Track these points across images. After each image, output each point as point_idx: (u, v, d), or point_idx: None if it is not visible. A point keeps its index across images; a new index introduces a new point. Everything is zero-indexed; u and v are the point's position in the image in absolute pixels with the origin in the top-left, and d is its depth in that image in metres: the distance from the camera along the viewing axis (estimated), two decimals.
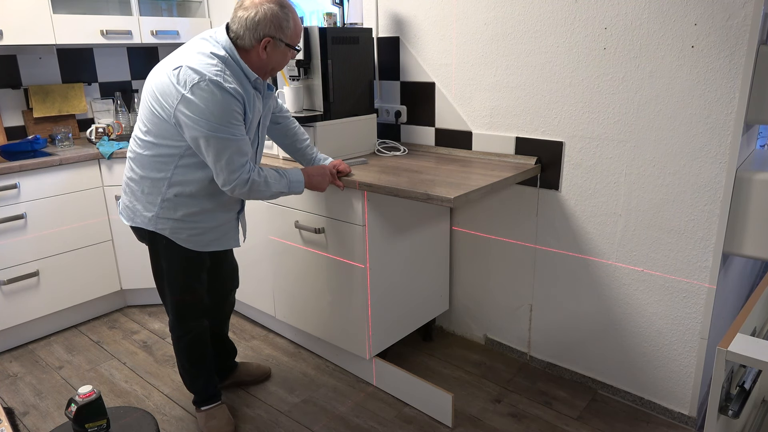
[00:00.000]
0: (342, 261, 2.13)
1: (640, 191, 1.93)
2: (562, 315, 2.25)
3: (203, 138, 1.59)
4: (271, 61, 1.70)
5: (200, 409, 2.05)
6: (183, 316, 1.93)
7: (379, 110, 2.60)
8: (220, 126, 1.58)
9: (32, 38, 2.57)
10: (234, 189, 1.66)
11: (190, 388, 2.06)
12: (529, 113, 2.15)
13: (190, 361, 2.00)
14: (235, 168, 1.63)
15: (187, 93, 1.56)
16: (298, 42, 1.74)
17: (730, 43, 1.66)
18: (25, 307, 2.58)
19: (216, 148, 1.60)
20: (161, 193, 1.73)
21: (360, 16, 2.57)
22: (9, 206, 2.44)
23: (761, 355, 1.14)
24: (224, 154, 1.61)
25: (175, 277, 1.87)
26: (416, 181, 1.92)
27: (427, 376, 2.31)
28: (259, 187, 1.70)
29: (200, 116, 1.57)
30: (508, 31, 2.11)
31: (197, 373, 2.03)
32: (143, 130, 1.71)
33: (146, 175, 1.73)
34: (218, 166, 1.63)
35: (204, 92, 1.56)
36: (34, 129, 2.96)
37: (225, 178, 1.64)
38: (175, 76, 1.59)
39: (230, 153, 1.61)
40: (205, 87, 1.56)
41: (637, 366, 2.09)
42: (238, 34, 1.64)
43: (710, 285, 1.86)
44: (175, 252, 1.81)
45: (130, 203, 1.81)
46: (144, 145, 1.72)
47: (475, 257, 2.47)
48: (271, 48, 1.66)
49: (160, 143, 1.68)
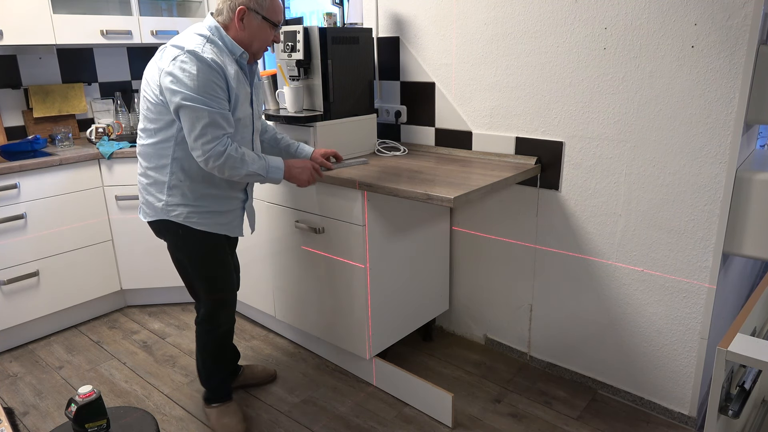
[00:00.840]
0: (342, 261, 2.13)
1: (640, 191, 1.93)
2: (562, 315, 2.25)
3: (181, 107, 1.61)
4: (251, 35, 1.72)
5: (211, 406, 2.06)
6: (218, 308, 1.94)
7: (379, 110, 2.60)
8: (196, 95, 1.60)
9: (32, 38, 2.58)
10: (208, 161, 1.65)
11: (206, 384, 2.07)
12: (529, 113, 2.15)
13: (213, 356, 2.01)
14: (210, 139, 1.63)
15: (167, 67, 1.62)
16: (278, 18, 1.75)
17: (730, 43, 1.66)
18: (25, 307, 2.58)
19: (191, 118, 1.62)
20: (167, 178, 1.75)
21: (360, 16, 2.57)
22: (9, 206, 2.44)
23: (761, 355, 1.14)
24: (199, 124, 1.62)
25: (201, 268, 1.87)
26: (416, 181, 1.92)
27: (427, 376, 2.31)
28: (234, 162, 1.68)
29: (177, 86, 1.60)
30: (508, 31, 2.11)
31: (218, 369, 2.04)
32: (143, 121, 1.76)
33: (152, 165, 1.77)
34: (193, 135, 1.63)
35: (183, 63, 1.60)
36: (34, 129, 2.96)
37: (200, 149, 1.64)
38: (159, 59, 1.68)
39: (205, 123, 1.62)
40: (184, 58, 1.61)
41: (637, 366, 2.09)
42: (220, 11, 1.71)
43: (710, 285, 1.86)
44: (194, 240, 1.82)
45: (144, 199, 1.84)
46: (145, 135, 1.76)
47: (475, 257, 2.47)
48: (248, 19, 1.70)
49: (157, 128, 1.71)
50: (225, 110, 1.66)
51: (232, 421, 2.03)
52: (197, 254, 1.86)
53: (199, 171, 1.75)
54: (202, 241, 1.83)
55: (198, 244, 1.84)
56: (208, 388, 2.07)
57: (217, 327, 1.97)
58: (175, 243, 1.87)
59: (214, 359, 2.02)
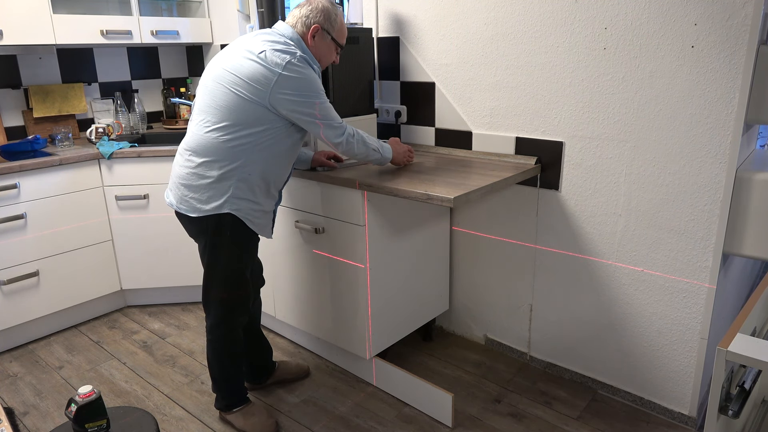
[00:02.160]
0: (342, 261, 2.13)
1: (640, 191, 1.93)
2: (562, 315, 2.25)
3: (316, 107, 1.73)
4: (319, 52, 1.85)
5: (232, 412, 2.04)
6: (233, 310, 1.92)
7: (379, 110, 2.60)
8: (320, 94, 1.75)
9: (32, 38, 2.58)
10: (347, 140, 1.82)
11: (223, 391, 2.03)
12: (529, 113, 2.15)
13: (231, 358, 1.98)
14: (340, 124, 1.80)
15: (284, 72, 1.68)
16: (343, 41, 1.90)
17: (730, 43, 1.66)
18: (25, 307, 2.58)
19: (323, 114, 1.75)
20: (236, 174, 1.74)
21: (360, 16, 2.57)
22: (9, 206, 2.44)
23: (761, 355, 1.14)
24: (330, 116, 1.78)
25: (232, 267, 1.87)
26: (416, 181, 1.92)
27: (427, 376, 2.31)
28: (362, 137, 1.88)
29: (304, 89, 1.71)
30: (508, 31, 2.11)
31: (235, 372, 2.02)
32: (217, 118, 1.72)
33: (219, 160, 1.73)
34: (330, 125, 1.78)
35: (299, 68, 1.70)
36: (34, 129, 2.96)
37: (339, 135, 1.80)
38: (263, 59, 1.69)
39: (334, 115, 1.79)
40: (298, 63, 1.71)
41: (637, 366, 2.09)
42: (294, 23, 1.82)
43: (710, 285, 1.86)
44: (238, 236, 1.83)
45: (197, 194, 1.78)
46: (221, 130, 1.72)
47: (475, 257, 2.47)
48: (319, 37, 1.83)
49: (243, 124, 1.71)
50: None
51: (260, 418, 2.02)
52: (234, 252, 1.86)
53: (263, 169, 1.78)
54: (245, 239, 1.85)
55: (237, 242, 1.84)
56: (227, 394, 2.04)
57: (232, 330, 1.94)
58: (215, 241, 1.83)
59: (233, 361, 1.99)
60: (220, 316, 1.92)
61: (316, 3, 1.82)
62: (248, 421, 2.01)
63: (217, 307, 1.92)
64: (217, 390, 2.05)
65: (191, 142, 1.78)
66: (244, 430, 2.01)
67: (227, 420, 2.06)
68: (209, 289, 1.92)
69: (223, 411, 2.07)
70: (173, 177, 1.86)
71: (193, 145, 1.77)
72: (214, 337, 1.95)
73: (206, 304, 1.95)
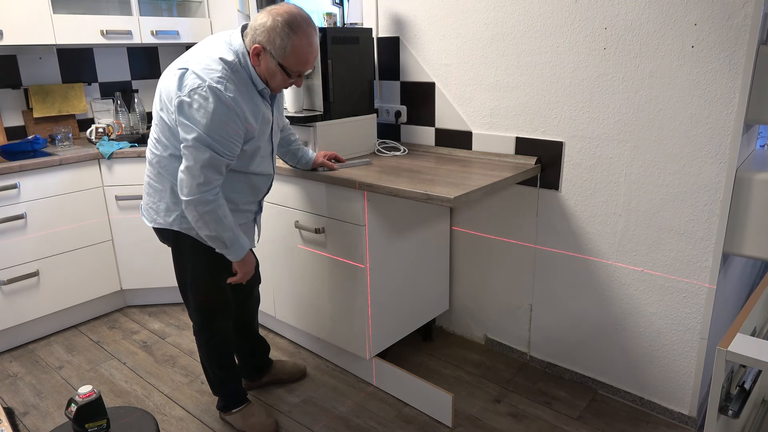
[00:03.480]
0: (342, 261, 2.13)
1: (640, 191, 1.93)
2: (562, 315, 2.25)
3: (189, 141, 1.55)
4: (267, 74, 1.63)
5: (231, 413, 2.03)
6: (211, 317, 1.90)
7: (379, 110, 2.60)
8: (207, 137, 1.54)
9: (32, 38, 2.57)
10: (191, 202, 1.59)
11: (220, 393, 2.04)
12: (529, 113, 2.15)
13: (219, 364, 1.97)
14: (204, 182, 1.58)
15: (184, 96, 1.54)
16: (295, 70, 1.64)
17: (730, 43, 1.66)
18: (25, 307, 2.58)
19: (194, 156, 1.56)
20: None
21: (360, 16, 2.57)
22: (9, 206, 2.44)
23: (761, 355, 1.14)
24: (198, 164, 1.56)
25: (201, 277, 1.84)
26: (416, 181, 1.92)
27: (427, 376, 2.31)
28: (214, 215, 1.62)
29: (190, 121, 1.54)
30: (508, 31, 2.11)
31: (228, 375, 2.01)
32: (157, 133, 1.70)
33: (168, 176, 1.71)
34: (189, 173, 1.57)
35: (201, 99, 1.53)
36: (34, 129, 2.96)
37: (190, 188, 1.58)
38: (179, 79, 1.58)
39: (206, 165, 1.56)
40: (203, 93, 1.53)
41: (637, 366, 2.09)
42: (247, 33, 1.62)
43: (710, 285, 1.86)
44: (200, 251, 1.78)
45: (154, 205, 1.78)
46: (162, 147, 1.69)
47: (475, 257, 2.47)
48: (263, 58, 1.60)
49: (174, 145, 1.66)
50: (231, 157, 1.61)
51: (260, 418, 2.02)
52: (200, 265, 1.82)
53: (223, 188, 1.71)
54: (209, 252, 1.77)
55: (201, 256, 1.80)
56: (225, 395, 2.04)
57: (215, 335, 1.93)
58: (180, 251, 1.83)
59: (222, 366, 1.98)
60: (199, 322, 1.91)
61: (269, 19, 1.57)
62: (248, 421, 2.01)
63: (196, 313, 1.90)
64: (213, 391, 2.06)
65: (149, 153, 1.77)
66: (243, 430, 2.01)
67: (227, 421, 2.06)
68: (185, 294, 1.90)
69: (222, 412, 2.07)
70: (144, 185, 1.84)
71: (150, 156, 1.76)
72: (200, 341, 1.95)
73: (188, 310, 1.94)
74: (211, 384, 2.04)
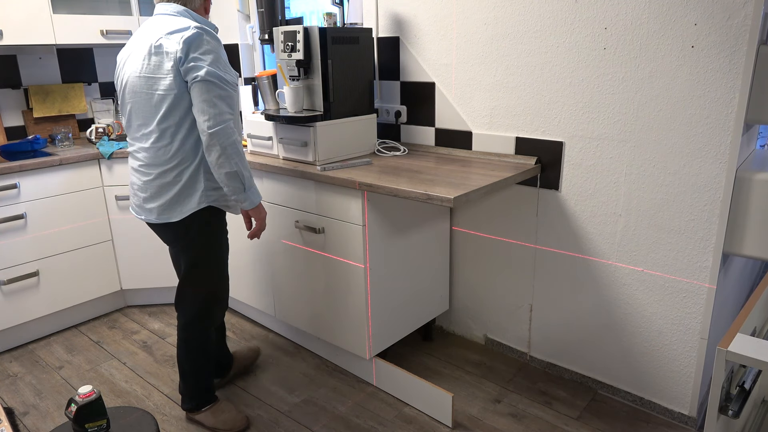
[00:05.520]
0: (342, 261, 2.13)
1: (640, 191, 1.93)
2: (562, 315, 2.25)
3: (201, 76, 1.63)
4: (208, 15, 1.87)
5: (201, 411, 2.04)
6: (212, 306, 1.95)
7: (379, 110, 2.60)
8: (217, 71, 1.65)
9: (32, 38, 2.58)
10: (216, 134, 1.64)
11: (194, 390, 2.02)
12: (529, 113, 2.15)
13: (205, 355, 1.99)
14: (221, 112, 1.65)
15: (180, 44, 1.64)
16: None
17: (730, 43, 1.66)
18: (25, 307, 2.58)
19: (208, 88, 1.64)
20: (203, 167, 1.77)
21: (360, 16, 2.57)
22: (9, 206, 2.44)
23: (761, 355, 1.14)
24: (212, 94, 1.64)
25: (213, 260, 1.90)
26: (416, 181, 1.92)
27: (427, 376, 2.31)
28: (236, 149, 1.68)
29: (202, 56, 1.64)
30: (508, 31, 2.11)
31: (207, 371, 2.02)
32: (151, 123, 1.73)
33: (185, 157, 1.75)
34: (208, 105, 1.63)
35: (197, 35, 1.65)
36: (34, 129, 2.96)
37: (214, 119, 1.63)
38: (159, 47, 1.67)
39: (219, 97, 1.65)
40: (196, 30, 1.66)
41: (637, 366, 2.09)
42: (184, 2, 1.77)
43: (710, 285, 1.86)
44: (217, 228, 1.87)
45: (170, 200, 1.78)
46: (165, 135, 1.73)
47: (475, 257, 2.47)
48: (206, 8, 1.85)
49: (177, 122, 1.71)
50: (234, 88, 1.72)
51: (231, 414, 2.04)
52: (215, 243, 1.89)
53: None
54: (222, 227, 1.90)
55: (216, 233, 1.89)
56: (197, 393, 2.03)
57: (210, 326, 1.97)
58: (193, 239, 1.84)
59: (207, 359, 2.00)
60: (202, 311, 1.94)
61: None
62: (219, 418, 2.02)
63: (197, 303, 1.93)
64: (185, 390, 2.04)
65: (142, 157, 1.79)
66: (216, 427, 2.02)
67: (196, 420, 2.05)
68: (194, 285, 1.92)
69: (192, 411, 2.05)
70: (137, 193, 1.85)
71: (147, 158, 1.78)
72: (191, 334, 1.95)
73: (184, 302, 1.95)
74: (186, 383, 2.02)
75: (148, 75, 1.70)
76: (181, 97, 1.68)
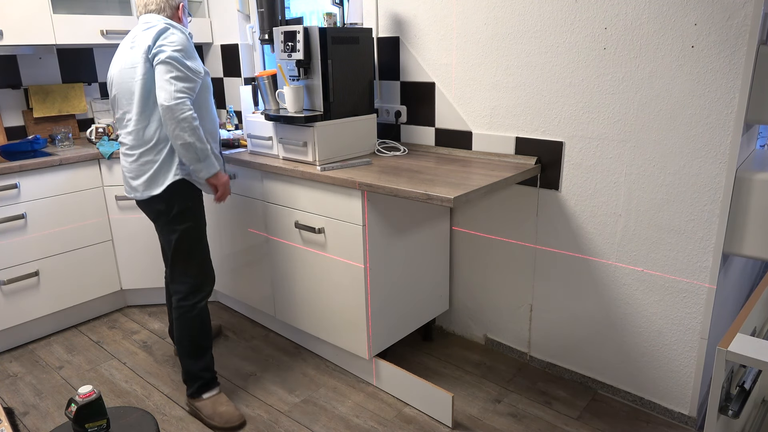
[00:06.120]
0: (342, 261, 2.13)
1: (640, 191, 1.93)
2: (562, 315, 2.25)
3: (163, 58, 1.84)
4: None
5: (202, 398, 2.08)
6: (207, 277, 2.10)
7: (379, 110, 2.60)
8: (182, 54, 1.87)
9: (32, 38, 2.58)
10: (170, 108, 1.82)
11: (197, 372, 2.08)
12: (529, 113, 2.15)
13: (204, 331, 2.08)
14: (179, 90, 1.84)
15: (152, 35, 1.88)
16: None
17: (730, 43, 1.66)
18: (25, 307, 2.58)
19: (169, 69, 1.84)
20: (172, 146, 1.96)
21: (360, 16, 2.57)
22: (9, 206, 2.44)
23: (761, 355, 1.14)
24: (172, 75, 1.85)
25: (203, 232, 2.08)
26: (416, 181, 1.92)
27: (427, 376, 2.31)
28: (190, 124, 1.86)
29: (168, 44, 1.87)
30: (508, 31, 2.11)
31: (209, 348, 2.10)
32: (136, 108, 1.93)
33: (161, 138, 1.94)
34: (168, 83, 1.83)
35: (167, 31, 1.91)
36: (34, 129, 2.96)
37: (169, 94, 1.82)
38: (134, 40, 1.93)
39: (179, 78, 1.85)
40: (165, 25, 1.93)
41: (637, 366, 2.09)
42: (161, 8, 2.00)
43: (710, 285, 1.86)
44: (194, 203, 2.04)
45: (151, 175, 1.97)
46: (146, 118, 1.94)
47: (475, 257, 2.47)
48: (181, 12, 2.07)
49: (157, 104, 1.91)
50: (199, 77, 1.92)
51: (229, 408, 2.07)
52: (203, 214, 2.08)
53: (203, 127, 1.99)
54: (200, 203, 2.08)
55: (201, 204, 2.08)
56: (200, 374, 2.08)
57: (204, 298, 2.08)
58: (185, 208, 2.01)
59: (206, 334, 2.09)
60: (194, 285, 2.05)
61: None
62: (217, 410, 2.06)
63: (192, 276, 2.05)
64: (187, 373, 2.09)
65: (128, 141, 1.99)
66: (212, 419, 2.05)
67: (196, 407, 2.09)
68: (182, 260, 2.05)
69: (193, 397, 2.10)
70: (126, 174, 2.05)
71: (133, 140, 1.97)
72: (187, 308, 2.04)
73: (175, 280, 2.06)
74: (186, 363, 2.08)
75: (128, 67, 1.93)
76: (153, 83, 1.89)
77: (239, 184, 2.48)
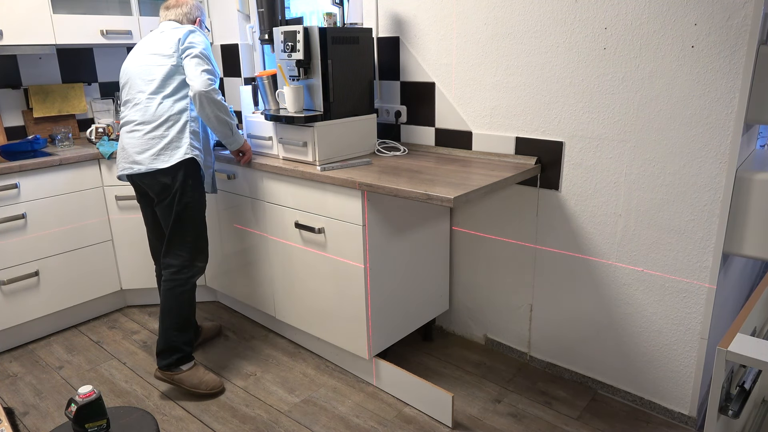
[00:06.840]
0: (342, 261, 2.13)
1: (640, 191, 1.93)
2: (562, 315, 2.25)
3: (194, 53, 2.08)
4: None
5: (181, 370, 2.18)
6: (203, 251, 2.23)
7: (379, 110, 2.60)
8: (208, 52, 2.12)
9: (32, 38, 2.58)
10: (208, 92, 2.04)
11: (179, 345, 2.17)
12: (529, 113, 2.15)
13: (192, 305, 2.22)
14: (212, 79, 2.08)
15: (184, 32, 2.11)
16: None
17: (730, 43, 1.66)
18: (25, 307, 2.58)
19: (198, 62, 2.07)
20: (188, 128, 2.12)
21: (360, 16, 2.57)
22: (9, 206, 2.44)
23: (761, 355, 1.14)
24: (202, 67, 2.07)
25: (197, 212, 2.18)
26: (416, 181, 1.92)
27: (427, 376, 2.31)
28: (223, 105, 2.11)
29: (197, 43, 2.10)
30: (508, 31, 2.11)
31: (192, 321, 2.25)
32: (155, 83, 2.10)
33: (171, 116, 2.10)
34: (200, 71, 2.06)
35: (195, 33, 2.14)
36: (34, 129, 2.96)
37: (204, 82, 2.04)
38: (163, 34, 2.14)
39: (211, 72, 2.09)
40: (196, 28, 2.17)
41: (637, 366, 2.09)
42: (180, 21, 2.22)
43: (710, 285, 1.86)
44: (197, 184, 2.17)
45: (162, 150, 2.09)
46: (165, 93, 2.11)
47: (475, 257, 2.47)
48: (198, 25, 2.29)
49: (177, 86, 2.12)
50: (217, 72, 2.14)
51: (211, 376, 2.23)
52: (203, 193, 2.21)
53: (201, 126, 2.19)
54: (202, 186, 2.21)
55: (200, 188, 2.20)
56: (181, 347, 2.18)
57: (198, 273, 2.22)
58: (187, 182, 2.12)
59: (192, 308, 2.23)
60: (187, 260, 2.18)
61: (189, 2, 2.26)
62: (203, 379, 2.20)
63: (187, 252, 2.17)
64: (165, 344, 2.17)
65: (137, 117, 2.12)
66: (197, 388, 2.18)
67: (174, 381, 2.18)
68: (180, 236, 2.16)
69: (169, 370, 2.18)
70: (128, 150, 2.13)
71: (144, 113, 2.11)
72: (177, 282, 2.16)
73: (169, 254, 2.17)
74: (166, 336, 2.17)
75: (154, 53, 2.11)
76: (176, 70, 2.10)
77: (239, 184, 2.49)
